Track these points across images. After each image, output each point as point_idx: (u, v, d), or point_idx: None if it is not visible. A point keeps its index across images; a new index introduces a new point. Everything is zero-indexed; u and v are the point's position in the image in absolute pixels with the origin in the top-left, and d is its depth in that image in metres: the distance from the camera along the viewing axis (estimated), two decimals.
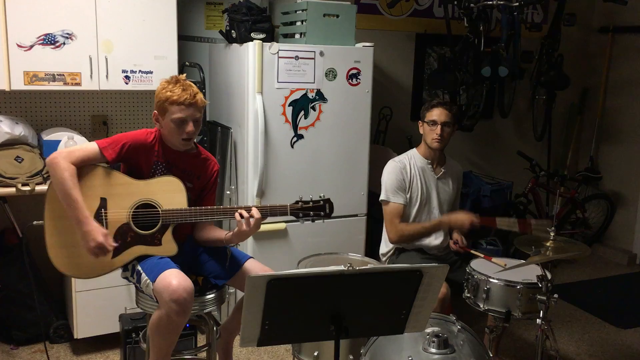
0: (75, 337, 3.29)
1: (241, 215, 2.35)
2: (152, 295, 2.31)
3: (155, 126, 2.46)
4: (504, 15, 4.31)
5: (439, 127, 3.07)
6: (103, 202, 2.34)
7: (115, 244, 2.30)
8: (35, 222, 2.45)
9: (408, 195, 3.13)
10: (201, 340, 3.30)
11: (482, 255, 3.03)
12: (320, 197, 2.46)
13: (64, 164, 2.25)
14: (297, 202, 2.44)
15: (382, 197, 3.13)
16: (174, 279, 2.21)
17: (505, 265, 2.88)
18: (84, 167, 2.30)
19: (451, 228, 3.17)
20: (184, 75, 2.44)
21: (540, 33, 5.00)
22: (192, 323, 3.03)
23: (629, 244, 5.31)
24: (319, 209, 2.45)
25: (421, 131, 3.19)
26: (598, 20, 5.43)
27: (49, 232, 2.34)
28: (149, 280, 2.29)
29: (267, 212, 2.42)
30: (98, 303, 3.25)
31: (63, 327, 3.41)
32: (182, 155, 2.48)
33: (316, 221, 2.49)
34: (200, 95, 2.40)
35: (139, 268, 2.36)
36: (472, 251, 3.11)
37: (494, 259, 2.97)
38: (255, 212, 2.36)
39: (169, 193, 2.38)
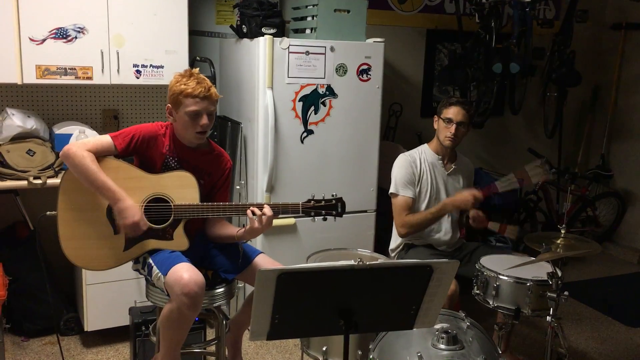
0: (85, 329, 3.31)
1: (253, 213, 2.35)
2: (163, 288, 2.32)
3: (168, 120, 2.47)
4: (516, 11, 4.29)
5: (454, 126, 3.05)
6: None
7: (148, 224, 2.33)
8: (48, 213, 2.46)
9: (417, 190, 3.12)
10: (210, 334, 3.31)
11: (497, 228, 3.00)
12: (332, 195, 2.45)
13: (81, 152, 2.26)
14: (309, 201, 2.43)
15: (391, 190, 3.13)
16: (186, 273, 2.22)
17: (517, 233, 2.87)
18: (97, 159, 2.31)
19: (457, 209, 3.12)
20: (197, 69, 2.45)
21: (552, 29, 4.96)
22: (201, 317, 3.04)
23: (639, 243, 5.27)
24: (331, 208, 2.44)
25: (435, 126, 3.17)
26: (610, 17, 5.39)
27: (62, 223, 2.35)
28: (160, 274, 2.29)
29: (279, 210, 2.41)
30: (108, 296, 3.27)
31: (73, 319, 3.43)
32: (193, 151, 2.48)
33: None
34: (214, 89, 2.40)
35: (151, 261, 2.37)
36: (489, 225, 3.06)
37: (508, 228, 2.97)
38: (268, 210, 2.35)
39: (181, 188, 2.39)
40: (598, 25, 5.40)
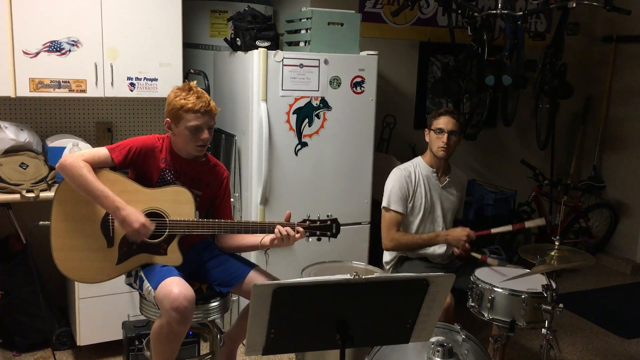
0: (77, 344, 3.28)
1: (280, 232, 2.38)
2: (154, 302, 2.30)
3: (167, 134, 2.46)
4: (508, 24, 4.32)
5: (445, 135, 3.06)
6: None
7: (154, 223, 2.32)
8: (41, 223, 2.45)
9: (411, 204, 3.13)
10: (204, 348, 3.29)
11: (479, 257, 3.05)
12: (327, 216, 2.46)
13: (78, 162, 2.26)
14: (304, 221, 2.44)
15: (383, 203, 3.13)
16: (175, 287, 2.21)
17: (498, 264, 2.91)
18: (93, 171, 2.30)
19: (448, 244, 3.15)
20: (195, 82, 2.46)
21: (543, 42, 5.01)
22: (196, 331, 3.02)
23: (632, 254, 5.29)
24: (326, 229, 2.45)
25: (427, 139, 3.18)
26: (601, 29, 5.44)
27: (55, 234, 2.33)
28: (150, 287, 2.29)
29: (274, 228, 2.42)
30: (101, 310, 3.24)
31: (66, 334, 3.40)
32: (190, 163, 2.49)
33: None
34: (213, 103, 2.42)
35: (142, 274, 2.37)
36: (473, 254, 3.10)
37: (489, 260, 3.03)
38: (300, 235, 2.41)
39: (177, 203, 2.38)
40: (589, 37, 5.45)
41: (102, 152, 2.34)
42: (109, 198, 2.25)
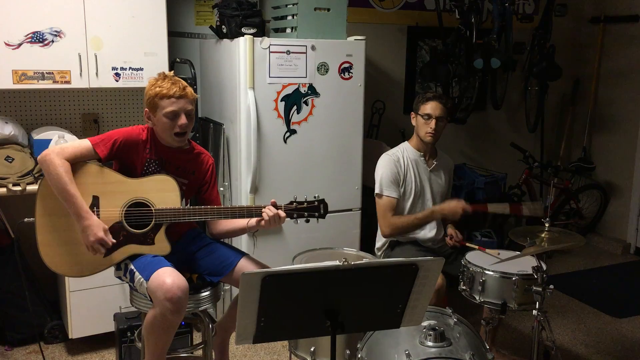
0: (70, 337, 3.27)
1: (267, 213, 2.37)
2: (146, 294, 2.29)
3: (147, 124, 2.45)
4: (495, 7, 4.31)
5: (433, 121, 3.05)
6: (95, 201, 2.32)
7: (114, 240, 2.30)
8: (26, 219, 2.43)
9: (402, 189, 3.12)
10: (197, 337, 3.29)
11: (476, 247, 3.03)
12: (314, 197, 2.45)
13: (57, 160, 2.23)
14: (291, 203, 2.43)
15: (376, 190, 3.12)
16: (168, 278, 2.20)
17: (499, 254, 2.89)
18: (76, 165, 2.29)
19: (444, 217, 3.14)
20: (172, 72, 2.44)
21: (531, 24, 4.99)
22: (188, 321, 3.02)
23: (622, 234, 5.32)
24: (314, 210, 2.44)
25: (413, 123, 3.17)
26: (589, 10, 5.43)
27: (40, 230, 2.32)
28: (142, 279, 2.27)
29: (260, 212, 2.40)
30: (92, 302, 3.23)
31: (57, 327, 3.39)
32: (175, 151, 2.47)
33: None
34: (189, 88, 2.40)
35: (132, 267, 2.35)
36: (467, 244, 3.11)
37: (487, 250, 2.98)
38: (282, 213, 2.40)
39: (162, 192, 2.37)
40: (577, 19, 5.44)
41: (85, 146, 2.31)
42: (77, 205, 2.24)
